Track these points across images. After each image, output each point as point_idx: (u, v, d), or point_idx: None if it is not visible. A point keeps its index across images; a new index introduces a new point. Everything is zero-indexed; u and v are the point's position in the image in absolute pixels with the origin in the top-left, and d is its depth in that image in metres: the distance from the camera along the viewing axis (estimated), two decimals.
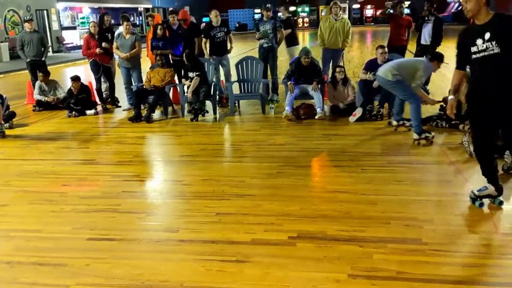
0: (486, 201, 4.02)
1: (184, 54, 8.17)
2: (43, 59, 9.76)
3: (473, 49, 3.75)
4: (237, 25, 40.86)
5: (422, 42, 8.89)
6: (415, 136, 6.02)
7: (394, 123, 6.73)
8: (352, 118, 7.21)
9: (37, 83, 9.33)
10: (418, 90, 6.14)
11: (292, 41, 9.94)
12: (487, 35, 3.65)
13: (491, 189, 3.97)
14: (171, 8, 10.63)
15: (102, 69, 8.97)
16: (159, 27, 8.81)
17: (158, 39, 8.79)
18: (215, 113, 8.14)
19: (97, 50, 8.70)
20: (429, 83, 8.91)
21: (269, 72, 9.11)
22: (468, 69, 4.07)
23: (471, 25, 3.91)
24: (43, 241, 3.77)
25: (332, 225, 3.77)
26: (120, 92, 9.36)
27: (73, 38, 26.12)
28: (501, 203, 3.99)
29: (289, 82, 7.68)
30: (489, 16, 3.71)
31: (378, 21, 37.84)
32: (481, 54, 3.72)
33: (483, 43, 3.68)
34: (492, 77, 3.76)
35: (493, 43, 3.64)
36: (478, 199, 4.02)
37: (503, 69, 3.70)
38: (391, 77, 6.11)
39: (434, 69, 6.25)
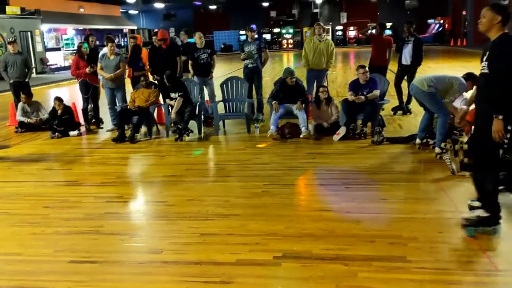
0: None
1: (164, 76, 8.19)
2: (26, 80, 9.71)
3: (481, 65, 3.88)
4: (223, 46, 41.18)
5: (403, 62, 9.05)
6: (438, 150, 6.04)
7: (418, 141, 6.58)
8: (336, 137, 7.26)
9: (20, 105, 9.25)
10: (450, 105, 6.22)
11: (185, 68, 9.09)
12: (487, 54, 3.77)
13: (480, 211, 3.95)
14: (155, 30, 10.74)
15: (92, 89, 8.95)
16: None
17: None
18: (200, 132, 8.13)
19: (87, 69, 8.67)
20: (411, 101, 9.06)
21: (254, 92, 9.17)
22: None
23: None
24: (23, 264, 3.69)
25: (317, 244, 3.76)
26: (103, 113, 9.32)
27: (57, 59, 26.02)
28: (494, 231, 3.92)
29: (273, 102, 7.72)
30: (497, 34, 3.74)
31: (360, 42, 38.51)
32: (481, 72, 3.86)
33: (483, 61, 3.81)
34: (481, 96, 3.89)
35: (485, 63, 3.75)
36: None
37: (487, 90, 3.79)
38: (426, 88, 6.10)
39: (467, 89, 6.34)
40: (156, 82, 8.95)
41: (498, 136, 3.64)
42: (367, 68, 7.67)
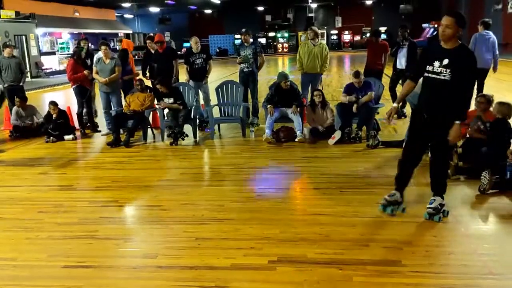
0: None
1: (158, 81, 8.17)
2: (20, 84, 9.68)
3: (429, 68, 4.01)
4: (218, 50, 41.23)
5: (398, 66, 9.10)
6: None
7: None
8: (331, 141, 7.27)
9: (14, 109, 9.21)
10: None
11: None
12: (445, 61, 3.90)
13: (398, 195, 4.39)
14: (151, 34, 10.76)
15: (87, 93, 8.94)
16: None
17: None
18: (195, 136, 8.12)
19: (86, 72, 8.67)
20: (406, 106, 9.10)
21: (249, 96, 9.18)
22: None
23: (437, 44, 4.08)
24: (17, 269, 3.67)
25: (312, 248, 3.76)
26: (98, 117, 9.29)
27: (52, 63, 25.96)
28: (403, 210, 4.40)
29: (268, 106, 7.74)
30: (456, 44, 3.95)
31: (355, 46, 38.68)
32: (433, 76, 3.98)
33: (439, 66, 3.93)
34: (436, 100, 4.04)
35: (447, 70, 3.89)
36: (389, 205, 4.38)
37: (447, 96, 3.95)
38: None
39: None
40: (151, 86, 8.96)
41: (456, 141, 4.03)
42: (362, 77, 7.68)
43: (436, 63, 3.95)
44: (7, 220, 4.76)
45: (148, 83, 9.26)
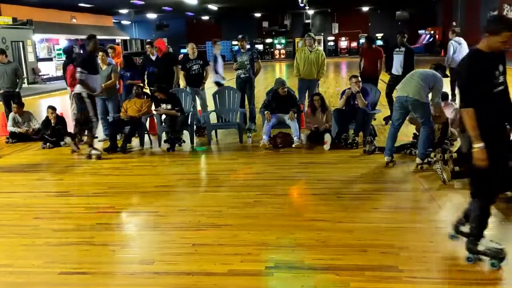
0: None
1: (156, 87, 8.19)
2: (17, 90, 9.67)
3: (494, 81, 3.41)
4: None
5: (394, 72, 9.11)
6: (419, 160, 6.07)
7: (387, 158, 6.29)
8: (326, 146, 7.31)
9: (11, 115, 9.20)
10: (437, 107, 6.26)
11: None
12: (501, 67, 3.44)
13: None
14: (149, 40, 10.81)
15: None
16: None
17: (127, 69, 9.10)
18: (192, 142, 8.12)
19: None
20: None
21: (246, 102, 9.20)
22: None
23: (485, 52, 3.43)
24: (13, 275, 3.65)
25: (309, 254, 3.76)
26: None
27: (49, 69, 25.95)
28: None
29: (266, 112, 7.75)
30: None
31: (352, 53, 38.82)
32: (498, 89, 3.43)
33: (499, 75, 3.42)
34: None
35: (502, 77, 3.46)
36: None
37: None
38: (424, 99, 5.96)
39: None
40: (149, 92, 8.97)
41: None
42: (359, 78, 7.71)
43: (497, 73, 3.41)
44: (3, 226, 4.74)
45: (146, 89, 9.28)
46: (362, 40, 37.08)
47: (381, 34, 34.66)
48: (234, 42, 37.37)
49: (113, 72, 8.61)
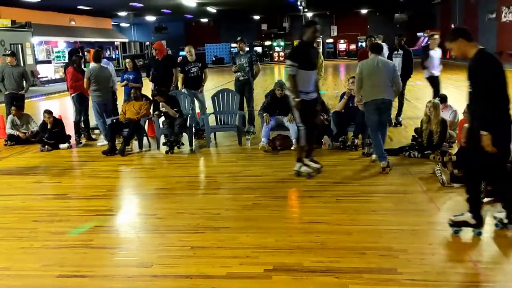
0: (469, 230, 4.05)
1: (156, 90, 8.19)
2: (22, 92, 9.67)
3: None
4: (214, 58, 41.34)
5: None
6: (384, 163, 6.08)
7: (384, 163, 6.14)
8: (324, 147, 7.33)
9: (10, 117, 9.20)
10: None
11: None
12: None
13: (468, 216, 3.97)
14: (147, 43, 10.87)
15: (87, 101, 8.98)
16: (127, 60, 9.35)
17: (129, 72, 9.14)
18: (191, 145, 8.11)
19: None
20: (401, 114, 9.15)
21: (245, 104, 9.19)
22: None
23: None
24: (11, 279, 3.64)
25: (308, 257, 3.75)
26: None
27: (48, 71, 25.94)
28: (479, 233, 3.99)
29: (264, 114, 7.75)
30: (473, 53, 3.81)
31: (350, 55, 38.86)
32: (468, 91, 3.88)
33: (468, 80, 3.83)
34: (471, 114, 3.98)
35: (469, 82, 3.81)
36: (454, 225, 4.05)
37: (473, 107, 3.88)
38: (393, 98, 6.25)
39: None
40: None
41: (490, 150, 3.69)
42: None
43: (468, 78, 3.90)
44: (1, 229, 4.73)
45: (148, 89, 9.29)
46: (360, 43, 37.17)
47: (381, 36, 34.65)
48: (233, 45, 37.43)
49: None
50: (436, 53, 9.23)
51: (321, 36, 39.45)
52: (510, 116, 3.73)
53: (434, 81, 9.23)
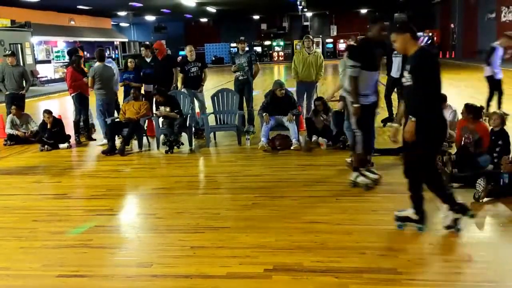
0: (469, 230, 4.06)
1: (156, 90, 8.20)
2: (22, 92, 9.67)
3: (403, 79, 4.01)
4: (213, 58, 41.35)
5: (393, 75, 9.11)
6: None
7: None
8: (322, 147, 7.34)
9: (9, 117, 9.20)
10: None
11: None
12: (408, 68, 3.91)
13: (410, 211, 4.14)
14: (146, 42, 10.88)
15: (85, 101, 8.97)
16: (129, 60, 9.33)
17: (129, 72, 9.16)
18: (190, 145, 8.11)
19: (86, 79, 8.73)
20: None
21: (244, 104, 9.19)
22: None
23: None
24: (11, 279, 3.64)
25: (308, 256, 3.75)
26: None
27: (47, 71, 25.93)
28: (421, 229, 4.11)
29: (264, 114, 7.74)
30: (414, 50, 3.96)
31: None
32: (404, 84, 3.99)
33: (407, 74, 3.93)
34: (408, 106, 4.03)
35: (409, 75, 3.90)
36: (398, 220, 4.20)
37: (412, 99, 3.96)
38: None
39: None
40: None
41: (409, 136, 3.86)
42: None
43: (406, 72, 4.03)
44: (1, 229, 4.73)
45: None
46: None
47: None
48: (233, 44, 37.46)
49: None
50: (501, 51, 9.15)
51: (320, 36, 39.52)
52: (443, 117, 3.96)
53: (493, 82, 9.12)
